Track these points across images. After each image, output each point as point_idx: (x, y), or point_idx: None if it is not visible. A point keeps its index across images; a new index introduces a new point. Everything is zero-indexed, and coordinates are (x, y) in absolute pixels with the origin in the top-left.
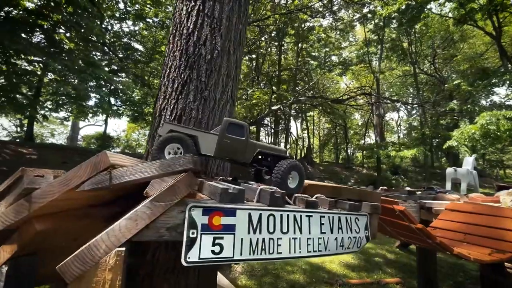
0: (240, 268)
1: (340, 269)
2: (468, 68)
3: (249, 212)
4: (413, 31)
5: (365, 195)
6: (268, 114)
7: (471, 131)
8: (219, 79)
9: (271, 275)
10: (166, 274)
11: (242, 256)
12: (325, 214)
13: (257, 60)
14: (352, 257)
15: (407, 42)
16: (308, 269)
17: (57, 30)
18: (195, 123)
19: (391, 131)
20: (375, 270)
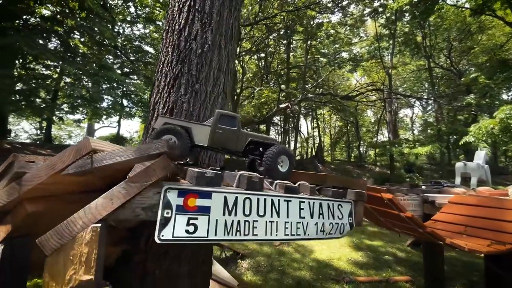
0: (246, 264)
1: (348, 266)
2: (487, 61)
3: (224, 195)
4: (427, 24)
5: (350, 183)
6: (276, 113)
7: (490, 126)
8: (210, 73)
9: (277, 271)
10: (158, 260)
11: (217, 237)
12: (305, 200)
13: (266, 59)
14: (360, 255)
15: (421, 36)
16: (315, 266)
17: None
18: (186, 115)
19: (405, 128)
20: (384, 268)
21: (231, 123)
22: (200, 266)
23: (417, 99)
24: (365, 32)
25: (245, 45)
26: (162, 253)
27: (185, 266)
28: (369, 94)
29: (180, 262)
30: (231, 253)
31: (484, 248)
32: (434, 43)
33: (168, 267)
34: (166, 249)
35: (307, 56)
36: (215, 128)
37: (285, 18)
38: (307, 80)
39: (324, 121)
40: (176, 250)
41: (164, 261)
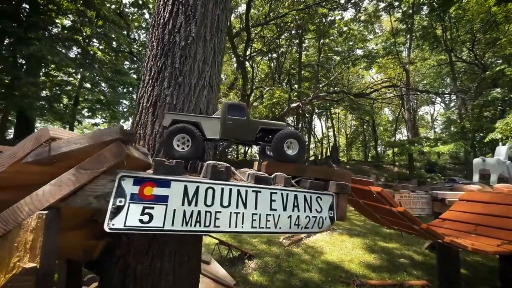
0: (253, 264)
1: (359, 269)
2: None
3: (185, 184)
4: (447, 16)
5: (332, 174)
6: (287, 112)
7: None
8: (194, 65)
9: (284, 272)
10: (140, 255)
11: (174, 227)
12: (277, 191)
13: (278, 59)
14: (374, 257)
15: (441, 29)
16: (324, 268)
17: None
18: (169, 108)
19: (426, 126)
20: (399, 272)
21: (240, 113)
22: (186, 263)
23: (435, 94)
24: (381, 27)
25: (256, 46)
26: (144, 248)
27: (169, 262)
28: (385, 91)
29: (163, 258)
30: (239, 253)
31: (492, 248)
32: (455, 36)
33: (151, 263)
34: (149, 244)
35: (320, 55)
36: (225, 120)
37: (296, 17)
38: (320, 79)
39: (339, 120)
40: (159, 246)
41: (146, 256)
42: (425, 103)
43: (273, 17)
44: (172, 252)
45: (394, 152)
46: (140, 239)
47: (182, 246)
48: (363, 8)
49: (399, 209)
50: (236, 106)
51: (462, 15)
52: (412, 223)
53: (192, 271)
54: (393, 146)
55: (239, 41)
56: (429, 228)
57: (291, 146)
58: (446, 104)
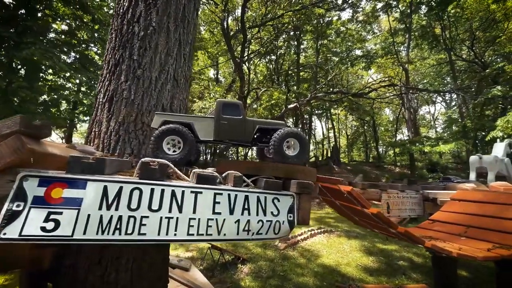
0: (246, 269)
1: (356, 272)
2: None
3: (104, 184)
4: (446, 15)
5: (295, 172)
6: (284, 113)
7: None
8: (155, 57)
9: (278, 277)
10: (91, 265)
11: (86, 236)
12: (223, 192)
13: (277, 60)
14: (372, 260)
15: (440, 28)
16: (320, 272)
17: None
18: (127, 103)
19: (427, 126)
20: (397, 275)
21: (236, 112)
22: (147, 272)
23: (434, 92)
24: (380, 27)
25: (254, 47)
26: (96, 256)
27: (126, 272)
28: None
29: (119, 267)
30: (232, 258)
31: (482, 253)
32: (454, 34)
33: (104, 273)
34: (101, 251)
35: (318, 56)
36: (219, 119)
37: (293, 19)
38: (318, 80)
39: (340, 121)
40: (113, 253)
41: (98, 266)
42: (425, 103)
43: (269, 18)
44: (129, 260)
45: (395, 152)
46: (91, 247)
47: (142, 254)
48: (361, 8)
49: (372, 210)
50: (231, 104)
51: (461, 13)
52: (388, 226)
53: (155, 281)
54: (394, 146)
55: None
56: (407, 232)
57: (292, 146)
58: (447, 103)
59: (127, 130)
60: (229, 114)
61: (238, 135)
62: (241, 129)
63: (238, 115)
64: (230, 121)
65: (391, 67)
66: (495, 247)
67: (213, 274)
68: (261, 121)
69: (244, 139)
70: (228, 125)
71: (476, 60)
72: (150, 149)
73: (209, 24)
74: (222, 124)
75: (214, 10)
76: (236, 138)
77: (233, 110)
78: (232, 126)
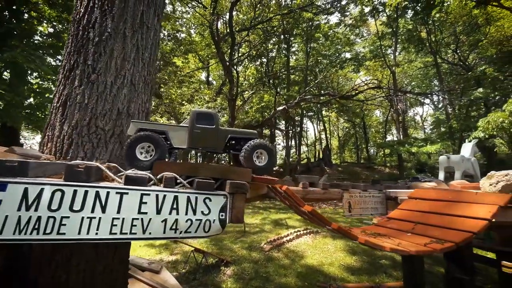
0: (230, 271)
1: (339, 272)
2: (497, 53)
3: (25, 187)
4: (430, 19)
5: (230, 173)
6: (273, 115)
7: (499, 120)
8: (111, 62)
9: (260, 278)
10: (42, 266)
11: (3, 236)
12: (151, 192)
13: (268, 63)
14: (355, 259)
15: (426, 32)
16: (303, 272)
17: None
18: (80, 108)
19: (416, 127)
20: (378, 273)
21: (209, 122)
22: (101, 274)
23: (418, 94)
24: (368, 31)
25: (243, 50)
26: (47, 257)
27: (77, 274)
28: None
29: (70, 269)
30: (216, 260)
31: (417, 247)
32: (439, 38)
33: (54, 275)
34: (52, 252)
35: (308, 59)
36: (192, 129)
37: (283, 22)
38: (309, 82)
39: (331, 123)
40: (64, 255)
41: (48, 268)
42: (414, 105)
43: (258, 22)
44: (81, 262)
45: (385, 153)
46: (42, 246)
47: (96, 256)
48: (348, 13)
49: (307, 208)
50: (204, 114)
51: (445, 18)
52: (323, 223)
53: (111, 283)
54: (383, 147)
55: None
56: (340, 229)
57: (261, 156)
58: (435, 104)
59: (80, 134)
60: (202, 124)
61: (211, 143)
62: (213, 137)
63: (211, 125)
64: (203, 130)
65: (379, 70)
66: (432, 242)
67: (195, 277)
68: (233, 131)
69: (216, 147)
70: (201, 133)
71: (460, 63)
72: (124, 155)
73: (198, 27)
74: (195, 133)
75: (203, 13)
76: (209, 145)
77: (206, 119)
78: (205, 134)
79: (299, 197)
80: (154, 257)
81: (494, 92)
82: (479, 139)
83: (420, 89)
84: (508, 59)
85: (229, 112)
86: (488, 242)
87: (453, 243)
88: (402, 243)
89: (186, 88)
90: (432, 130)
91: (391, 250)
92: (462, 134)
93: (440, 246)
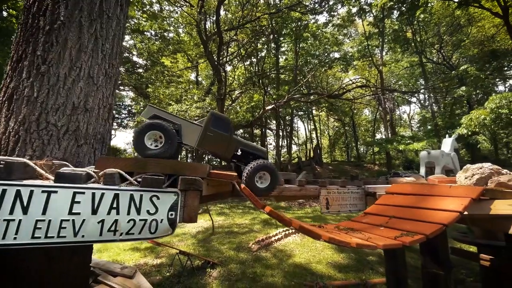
0: (216, 272)
1: (326, 270)
2: (478, 52)
3: None
4: (416, 20)
5: (184, 168)
6: (262, 115)
7: (481, 117)
8: (64, 53)
9: (247, 279)
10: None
11: None
12: (86, 190)
13: (258, 63)
14: (342, 257)
15: (411, 32)
16: (290, 271)
17: None
18: (28, 102)
19: (404, 125)
20: (365, 270)
21: (224, 128)
22: (53, 284)
23: (403, 93)
24: (356, 31)
25: (232, 50)
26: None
27: (28, 283)
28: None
29: (16, 278)
30: (202, 262)
31: (386, 241)
32: (424, 38)
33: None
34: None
35: (298, 59)
36: (206, 130)
37: (271, 22)
38: (298, 82)
39: (321, 122)
40: (14, 263)
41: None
42: (401, 103)
43: (246, 21)
44: (30, 270)
45: (374, 151)
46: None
47: (48, 263)
48: (336, 13)
49: (267, 209)
50: (222, 119)
51: (429, 18)
52: (284, 223)
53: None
54: (371, 145)
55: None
56: (301, 227)
57: (263, 177)
58: (422, 103)
59: (28, 130)
60: (217, 128)
61: (221, 150)
62: (224, 145)
63: (226, 132)
64: (217, 135)
65: (367, 69)
66: (402, 235)
67: (179, 280)
68: (245, 144)
69: (224, 154)
70: (213, 137)
71: (444, 62)
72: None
73: (186, 27)
74: (208, 135)
75: (190, 12)
76: (218, 151)
77: (222, 125)
78: (217, 140)
79: (256, 197)
80: (139, 260)
81: (476, 90)
82: (462, 135)
83: (406, 88)
84: (488, 59)
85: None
86: (470, 236)
87: (423, 235)
88: (372, 237)
89: (174, 88)
90: (419, 128)
91: (357, 246)
92: (447, 131)
93: (409, 238)
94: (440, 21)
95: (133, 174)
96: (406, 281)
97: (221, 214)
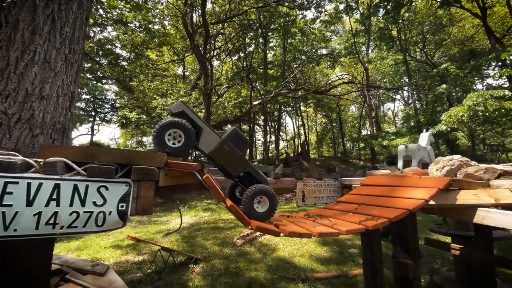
0: (199, 268)
1: (309, 263)
2: (458, 52)
3: None
4: (400, 18)
5: (138, 157)
6: (249, 110)
7: (459, 114)
8: (16, 35)
9: (230, 273)
10: None
11: None
12: (20, 180)
13: (246, 58)
14: (325, 250)
15: (396, 30)
16: (273, 265)
17: None
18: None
19: (389, 122)
20: (347, 262)
21: (240, 147)
22: (5, 281)
23: (387, 89)
24: (344, 28)
25: (220, 44)
26: None
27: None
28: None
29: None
30: (185, 258)
31: (350, 226)
32: (409, 37)
33: None
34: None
35: (286, 54)
36: (223, 143)
37: (259, 16)
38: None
39: (309, 118)
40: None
41: None
42: (386, 100)
43: (232, 15)
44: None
45: (359, 147)
46: None
47: (12, 264)
48: (323, 9)
49: (228, 202)
50: (241, 139)
51: (413, 17)
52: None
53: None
54: (357, 140)
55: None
56: (258, 227)
57: (261, 201)
58: (405, 100)
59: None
60: (234, 144)
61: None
62: (234, 162)
63: (240, 150)
64: (231, 151)
65: (354, 66)
66: (367, 219)
67: (160, 277)
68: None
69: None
70: (227, 152)
71: (427, 61)
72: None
73: (172, 19)
74: (223, 148)
75: (175, 4)
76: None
77: (239, 144)
78: (230, 155)
79: (219, 189)
80: (120, 258)
81: (456, 88)
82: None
83: (391, 86)
84: (468, 58)
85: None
86: (445, 228)
87: (387, 219)
88: (338, 223)
89: (158, 82)
90: (403, 125)
91: (319, 236)
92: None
93: (373, 222)
94: (424, 20)
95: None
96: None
97: (207, 210)
